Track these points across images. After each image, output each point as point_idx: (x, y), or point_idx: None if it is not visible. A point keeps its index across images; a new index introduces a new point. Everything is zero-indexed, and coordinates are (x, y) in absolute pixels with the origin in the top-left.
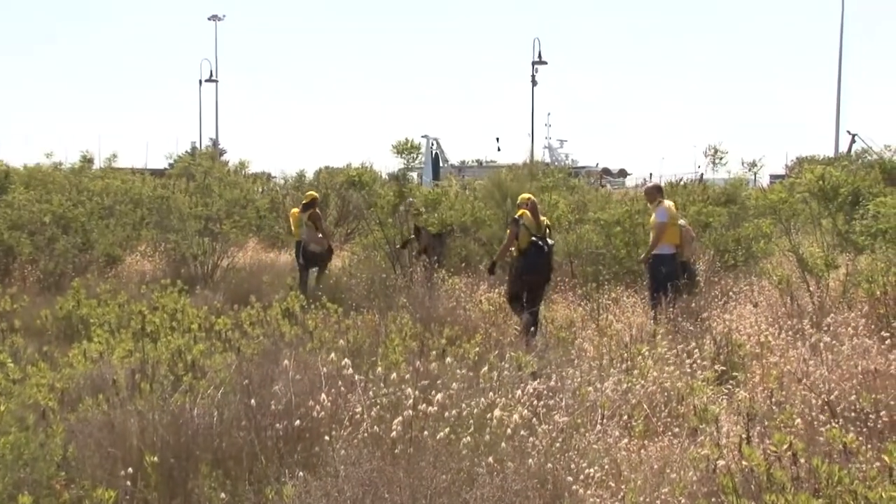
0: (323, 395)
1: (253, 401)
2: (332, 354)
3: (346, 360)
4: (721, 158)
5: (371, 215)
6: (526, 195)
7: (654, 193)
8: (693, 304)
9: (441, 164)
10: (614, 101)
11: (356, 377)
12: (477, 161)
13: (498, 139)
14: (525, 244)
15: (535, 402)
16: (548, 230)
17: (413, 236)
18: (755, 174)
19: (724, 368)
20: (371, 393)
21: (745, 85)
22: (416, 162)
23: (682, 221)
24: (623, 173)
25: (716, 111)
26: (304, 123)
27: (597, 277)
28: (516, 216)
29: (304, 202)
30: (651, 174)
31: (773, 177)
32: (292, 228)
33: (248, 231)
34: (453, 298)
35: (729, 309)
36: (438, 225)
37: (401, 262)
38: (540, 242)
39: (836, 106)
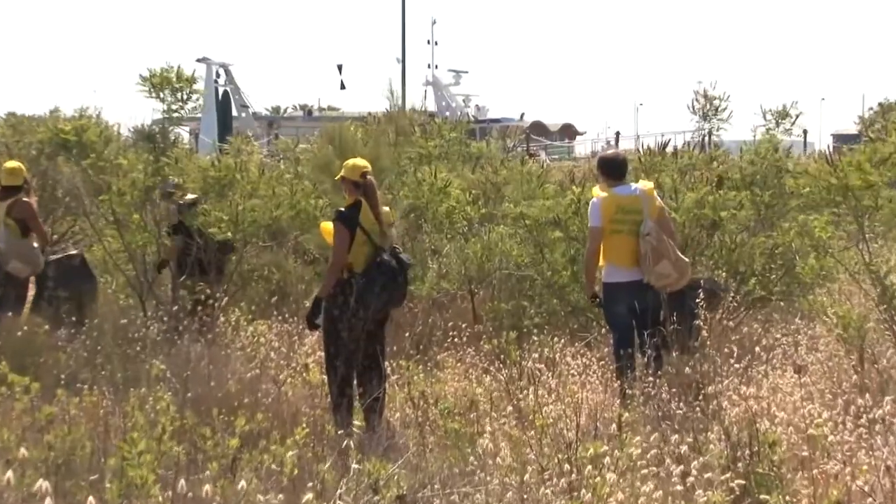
0: None
1: None
2: (9, 473)
3: (43, 482)
4: (719, 107)
5: (100, 208)
6: (359, 163)
7: (609, 170)
8: (690, 369)
9: (237, 114)
10: (556, 26)
11: None
12: (303, 108)
13: (340, 69)
14: (361, 261)
15: None
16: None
17: (173, 241)
18: (804, 134)
19: (744, 484)
20: None
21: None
22: (189, 108)
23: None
24: (569, 132)
25: (720, 41)
26: None
27: (518, 321)
28: (342, 209)
29: None
30: (617, 134)
31: (840, 137)
32: None
33: None
34: (256, 362)
35: (753, 377)
36: (228, 227)
37: (156, 296)
38: (387, 259)
39: None
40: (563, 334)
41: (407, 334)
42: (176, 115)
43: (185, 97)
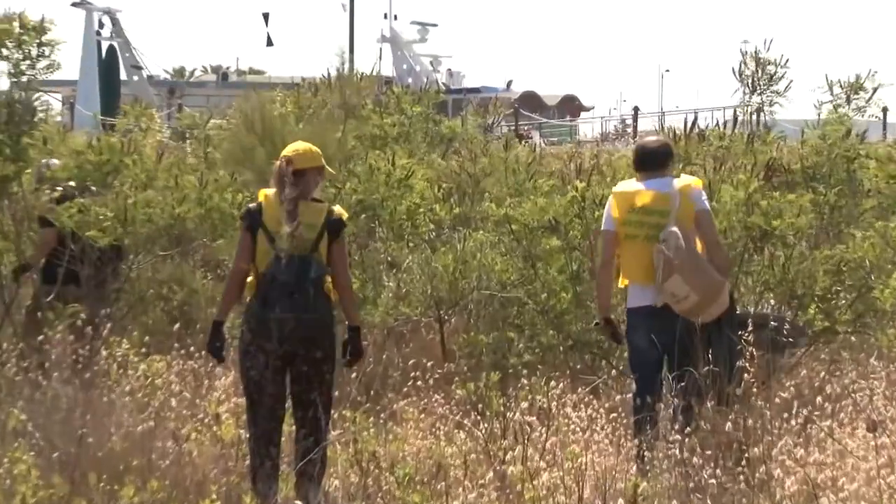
0: None
1: None
2: None
3: None
4: (774, 74)
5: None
6: (298, 148)
7: (637, 158)
8: (730, 425)
9: (126, 77)
10: None
11: None
12: (216, 71)
13: (267, 19)
14: (262, 270)
15: None
16: (325, 242)
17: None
18: (883, 113)
19: None
20: None
21: None
22: (43, 68)
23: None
24: (571, 107)
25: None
26: None
27: (502, 359)
28: (249, 206)
29: None
30: (635, 110)
31: None
32: None
33: None
34: (149, 411)
35: (814, 436)
36: (113, 228)
37: (14, 322)
38: (280, 269)
39: None
40: (562, 377)
41: (354, 375)
42: (27, 77)
43: (35, 53)
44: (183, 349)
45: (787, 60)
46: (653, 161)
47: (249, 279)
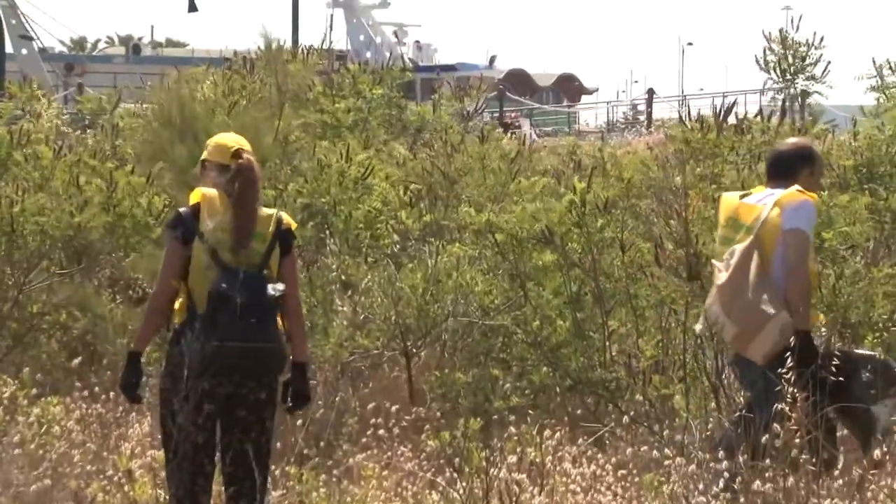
0: None
1: None
2: None
3: None
4: (807, 58)
5: None
6: (227, 139)
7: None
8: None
9: (13, 49)
10: None
11: None
12: (125, 43)
13: None
14: (203, 294)
15: None
16: (276, 257)
17: None
18: None
19: None
20: None
21: None
22: None
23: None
24: (569, 89)
25: None
26: None
27: (485, 401)
28: (180, 211)
29: None
30: (650, 92)
31: None
32: None
33: None
34: (45, 467)
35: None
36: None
37: None
38: (225, 288)
39: None
40: (559, 424)
41: (300, 422)
42: None
43: None
44: (86, 389)
45: (823, 39)
46: (775, 167)
47: (178, 302)
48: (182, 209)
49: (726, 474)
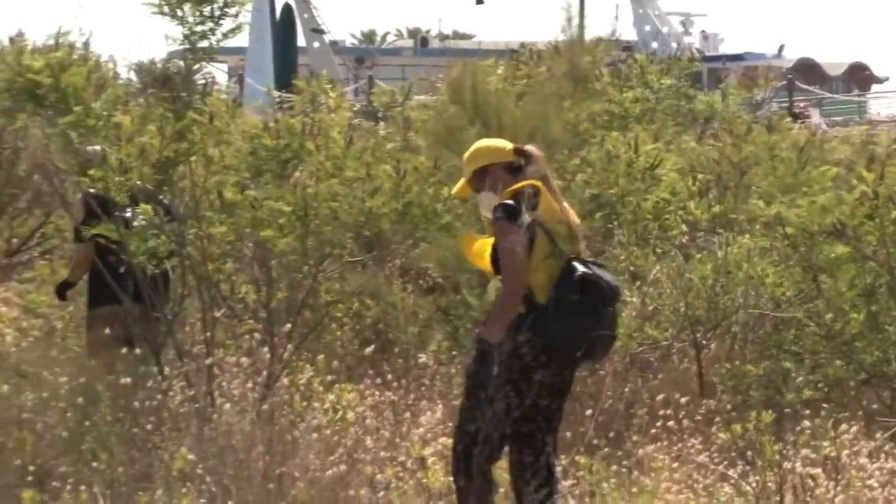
0: None
1: None
2: None
3: None
4: None
5: (77, 198)
6: (496, 142)
7: None
8: None
9: (306, 43)
10: None
11: None
12: (414, 35)
13: None
14: (544, 282)
15: None
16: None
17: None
18: None
19: None
20: None
21: None
22: (224, 33)
23: None
24: (860, 78)
25: None
26: None
27: (777, 394)
28: (508, 201)
29: None
30: None
31: None
32: None
33: None
34: (342, 452)
35: None
36: (289, 227)
37: (177, 342)
38: (590, 273)
39: None
40: (854, 418)
41: (589, 412)
42: (204, 44)
43: (217, 14)
44: (378, 377)
45: None
46: None
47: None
48: (512, 202)
49: None
